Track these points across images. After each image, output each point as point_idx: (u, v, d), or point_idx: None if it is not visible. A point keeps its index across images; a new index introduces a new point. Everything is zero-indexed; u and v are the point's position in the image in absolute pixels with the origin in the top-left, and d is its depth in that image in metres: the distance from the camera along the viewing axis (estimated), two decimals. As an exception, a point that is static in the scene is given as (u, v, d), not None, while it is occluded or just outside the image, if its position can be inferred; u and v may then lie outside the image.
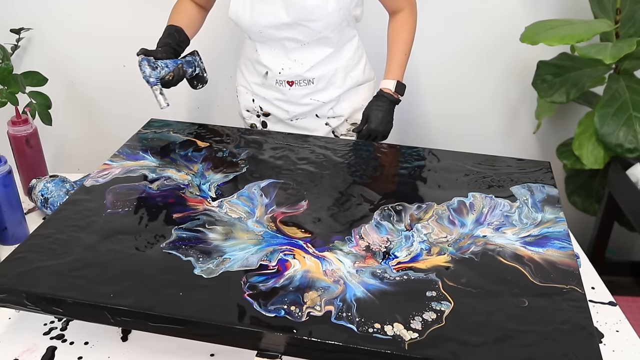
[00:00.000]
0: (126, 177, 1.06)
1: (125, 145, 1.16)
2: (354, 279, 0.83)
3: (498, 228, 0.95)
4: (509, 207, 1.00)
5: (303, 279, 0.83)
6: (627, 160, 1.58)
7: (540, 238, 0.93)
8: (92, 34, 1.76)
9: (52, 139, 1.80)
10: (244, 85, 1.39)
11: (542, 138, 1.97)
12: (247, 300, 0.79)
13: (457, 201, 1.02)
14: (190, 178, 1.06)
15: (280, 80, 1.30)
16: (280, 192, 1.03)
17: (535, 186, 1.07)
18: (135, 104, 1.78)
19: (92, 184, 1.04)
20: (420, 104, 1.90)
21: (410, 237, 0.92)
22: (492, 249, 0.90)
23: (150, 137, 1.20)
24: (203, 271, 0.84)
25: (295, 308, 0.77)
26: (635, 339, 0.90)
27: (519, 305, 0.79)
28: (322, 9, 1.17)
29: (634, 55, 1.51)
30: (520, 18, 1.72)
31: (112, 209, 0.97)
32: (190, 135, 1.21)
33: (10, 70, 1.41)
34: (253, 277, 0.83)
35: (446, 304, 0.79)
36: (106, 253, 0.87)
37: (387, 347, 0.72)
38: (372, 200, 1.02)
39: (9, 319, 0.92)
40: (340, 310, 0.77)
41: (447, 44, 1.80)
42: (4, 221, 1.08)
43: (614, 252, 2.05)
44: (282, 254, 0.87)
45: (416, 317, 0.76)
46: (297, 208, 0.99)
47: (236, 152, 1.15)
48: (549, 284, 0.83)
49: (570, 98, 1.67)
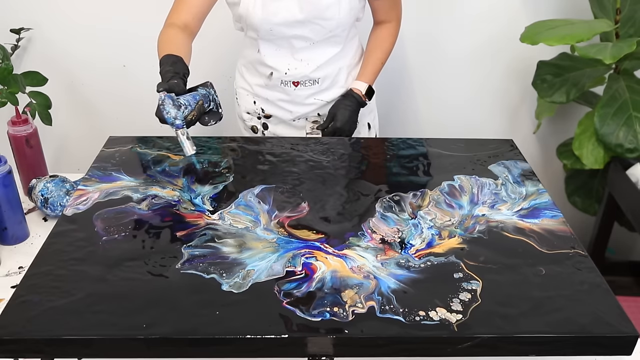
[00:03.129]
0: (109, 201, 0.99)
1: (93, 167, 1.09)
2: (382, 272, 0.85)
3: (492, 205, 1.01)
4: (495, 185, 1.07)
5: (334, 280, 0.83)
6: (627, 160, 1.58)
7: (532, 210, 1.00)
8: (92, 34, 1.77)
9: (52, 139, 1.81)
10: (244, 88, 1.37)
11: (542, 138, 1.99)
12: (288, 308, 0.77)
13: (447, 185, 1.06)
14: (179, 193, 1.02)
15: (286, 81, 1.29)
16: (276, 196, 1.02)
17: (508, 163, 1.14)
18: (135, 104, 1.83)
19: (74, 212, 0.96)
20: (420, 103, 1.92)
21: (418, 225, 0.95)
22: (495, 226, 0.95)
23: (118, 155, 1.13)
24: (232, 286, 0.81)
25: (338, 309, 0.77)
26: None
27: (538, 274, 0.85)
28: (336, 8, 1.19)
29: (634, 55, 1.52)
30: (520, 18, 1.73)
31: (107, 235, 0.91)
32: (160, 149, 1.16)
33: (10, 70, 1.41)
34: (285, 285, 0.81)
35: (475, 283, 0.83)
36: (120, 283, 0.81)
37: (439, 332, 0.74)
38: (368, 194, 1.03)
39: None
40: (382, 304, 0.78)
41: (447, 44, 1.82)
42: (4, 221, 1.08)
43: (614, 252, 2.02)
44: (304, 258, 0.87)
45: (454, 299, 0.80)
46: (300, 211, 0.98)
47: (216, 162, 1.12)
48: (555, 250, 0.90)
49: (570, 98, 1.67)
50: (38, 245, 1.13)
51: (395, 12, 1.33)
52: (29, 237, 1.17)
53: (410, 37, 1.77)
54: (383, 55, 1.33)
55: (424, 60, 1.84)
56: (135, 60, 1.82)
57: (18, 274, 1.07)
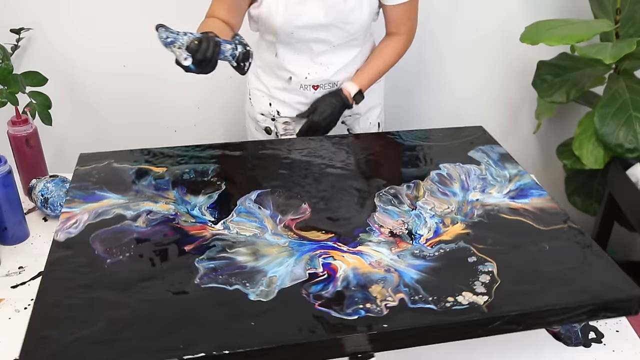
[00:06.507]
0: (101, 222, 0.94)
1: (73, 188, 1.02)
2: (400, 264, 0.86)
3: (483, 190, 1.05)
4: (480, 171, 1.11)
5: (357, 277, 0.83)
6: (627, 160, 1.57)
7: (520, 191, 1.05)
8: (92, 34, 1.76)
9: (52, 139, 1.78)
10: (259, 89, 1.34)
11: (542, 138, 2.00)
12: (322, 310, 0.77)
13: (436, 174, 1.10)
14: (174, 206, 0.98)
15: (306, 85, 1.28)
16: (275, 200, 1.01)
17: (485, 148, 1.20)
18: (135, 104, 1.84)
19: (66, 237, 0.90)
20: (419, 103, 1.91)
21: (421, 215, 0.98)
22: (491, 209, 1.00)
23: (96, 173, 1.07)
24: (259, 295, 0.79)
25: (371, 305, 0.78)
26: (635, 339, 0.91)
27: (542, 250, 0.90)
28: (359, 12, 1.19)
29: (634, 55, 1.51)
30: (520, 18, 1.73)
31: (110, 258, 0.86)
32: (139, 162, 1.11)
33: (10, 70, 1.41)
34: (311, 288, 0.81)
35: (490, 265, 0.86)
36: (140, 305, 0.78)
37: (472, 315, 0.77)
38: (363, 189, 1.05)
39: (9, 319, 0.91)
40: (411, 295, 0.80)
41: (447, 43, 1.82)
42: (4, 221, 1.07)
43: (614, 252, 1.98)
44: (321, 259, 0.87)
45: (476, 282, 0.83)
46: (303, 212, 0.98)
47: (202, 171, 1.09)
48: (551, 227, 0.95)
49: (570, 98, 1.67)
50: (38, 245, 1.13)
51: (407, 26, 1.30)
52: (29, 237, 1.15)
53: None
54: (384, 67, 1.32)
55: (424, 60, 1.85)
56: (135, 60, 1.82)
57: (18, 274, 1.05)
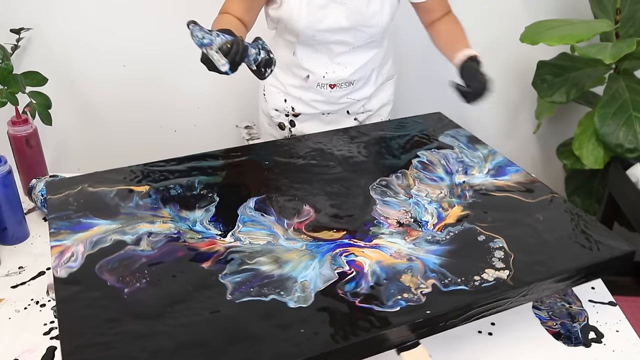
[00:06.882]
0: (101, 251, 0.87)
1: (53, 219, 0.94)
2: (419, 251, 0.89)
3: (465, 172, 1.11)
4: (455, 154, 1.17)
5: (384, 269, 0.85)
6: (627, 160, 1.57)
7: (498, 169, 1.12)
8: (92, 34, 1.76)
9: (52, 139, 1.77)
10: (275, 86, 1.35)
11: (542, 138, 1.99)
12: (364, 307, 0.78)
13: (418, 162, 1.13)
14: (173, 225, 0.94)
15: (323, 84, 1.29)
16: (275, 205, 0.99)
17: (451, 132, 1.26)
18: (135, 104, 1.84)
19: (68, 272, 0.83)
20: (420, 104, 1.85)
21: (419, 203, 1.01)
22: (479, 189, 1.05)
23: (73, 200, 0.99)
24: (297, 302, 0.79)
25: (407, 294, 0.80)
26: (635, 339, 0.91)
27: (538, 221, 0.97)
28: (380, 15, 1.21)
29: (634, 55, 1.52)
30: (520, 18, 1.72)
31: (127, 287, 0.81)
32: (116, 184, 1.04)
33: (10, 70, 1.41)
34: (345, 287, 0.82)
35: (499, 241, 0.91)
36: (180, 330, 0.74)
37: (501, 289, 0.82)
38: (356, 185, 1.06)
39: (9, 319, 0.91)
40: (441, 279, 0.83)
41: None
42: (4, 221, 1.07)
43: None
44: (344, 257, 0.87)
45: (493, 259, 0.88)
46: (308, 214, 0.97)
47: (188, 185, 1.04)
48: (537, 199, 1.03)
49: (570, 98, 1.67)
50: (38, 245, 1.12)
51: (444, 5, 1.31)
52: (29, 237, 1.14)
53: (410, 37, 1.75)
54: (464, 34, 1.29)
55: (424, 60, 1.84)
56: (135, 60, 1.82)
57: (18, 274, 1.03)
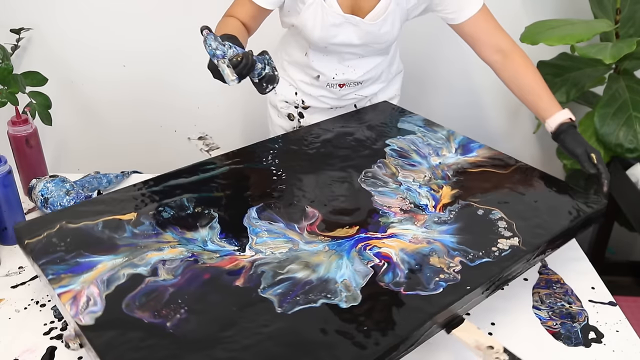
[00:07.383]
0: (118, 289, 0.80)
1: (46, 264, 0.84)
2: (433, 233, 0.93)
3: (437, 153, 1.17)
4: (420, 138, 1.22)
5: (411, 256, 0.88)
6: (627, 160, 1.58)
7: (463, 147, 1.19)
8: (92, 34, 1.77)
9: (52, 139, 1.80)
10: (285, 79, 1.39)
11: (542, 138, 1.99)
12: (411, 294, 0.81)
13: (391, 150, 1.17)
14: (184, 248, 0.88)
15: (332, 84, 1.35)
16: (277, 212, 0.97)
17: (406, 119, 1.31)
18: (135, 103, 1.85)
19: (93, 317, 0.76)
20: (420, 104, 1.85)
21: (411, 188, 1.05)
22: (456, 168, 1.12)
23: (57, 241, 0.89)
24: (348, 301, 0.79)
25: (443, 275, 0.84)
26: (635, 339, 0.91)
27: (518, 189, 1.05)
28: (390, 34, 1.23)
29: (634, 55, 1.52)
30: (520, 18, 1.72)
31: (167, 320, 0.75)
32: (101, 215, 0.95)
33: (10, 70, 1.43)
34: (384, 278, 0.83)
35: (497, 212, 0.98)
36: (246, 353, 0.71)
37: (519, 254, 0.88)
38: (344, 180, 1.07)
39: (9, 319, 0.91)
40: (464, 256, 0.88)
41: (447, 43, 1.76)
42: (4, 221, 1.07)
43: (614, 252, 2.02)
44: (369, 250, 0.89)
45: (499, 229, 0.94)
46: (314, 216, 0.97)
47: (178, 205, 0.98)
48: (509, 169, 1.11)
49: (570, 98, 1.68)
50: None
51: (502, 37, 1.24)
52: None
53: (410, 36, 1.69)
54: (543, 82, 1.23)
55: (424, 60, 1.85)
56: (135, 60, 1.83)
57: (18, 274, 1.02)
